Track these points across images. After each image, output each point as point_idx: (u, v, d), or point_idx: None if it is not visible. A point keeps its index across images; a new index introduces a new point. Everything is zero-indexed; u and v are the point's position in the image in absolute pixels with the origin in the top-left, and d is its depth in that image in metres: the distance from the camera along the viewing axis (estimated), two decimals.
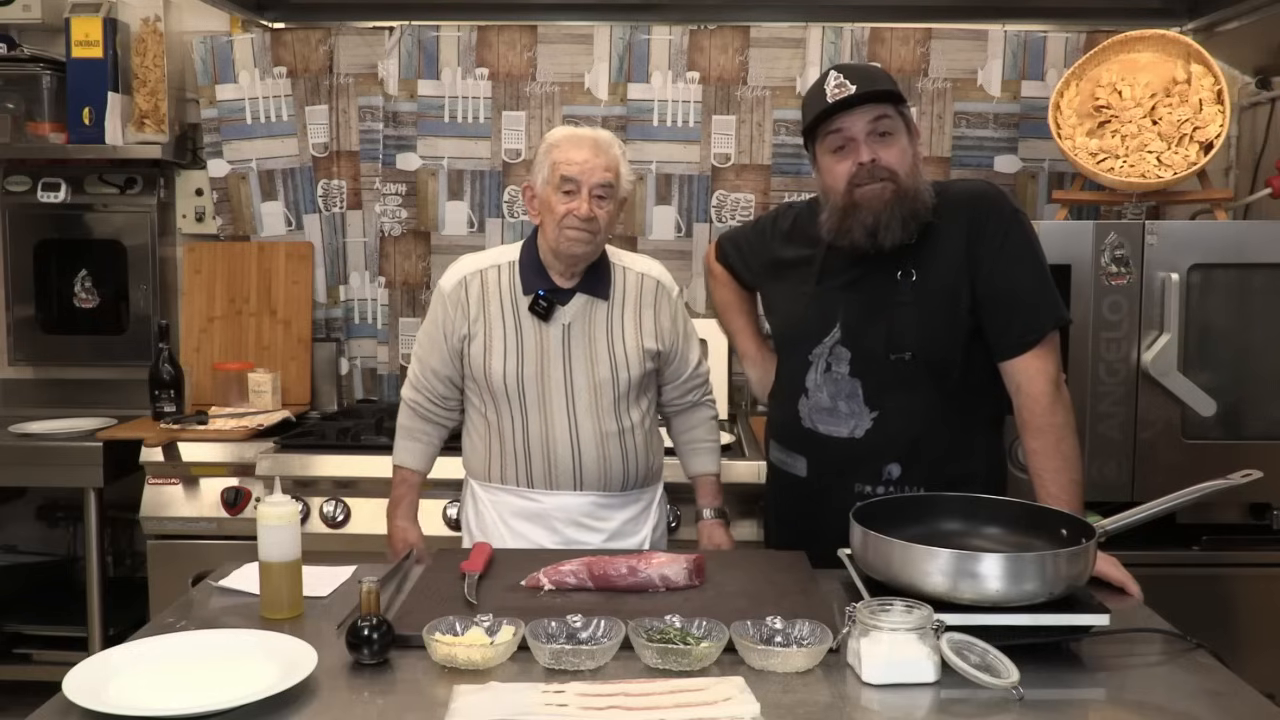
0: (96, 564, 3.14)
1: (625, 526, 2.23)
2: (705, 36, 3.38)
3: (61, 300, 3.59)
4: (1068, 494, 1.91)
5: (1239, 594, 2.71)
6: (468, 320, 2.19)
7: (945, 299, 1.98)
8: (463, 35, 3.40)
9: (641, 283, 2.24)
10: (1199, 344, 2.68)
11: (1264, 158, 3.28)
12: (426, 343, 2.26)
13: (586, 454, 2.16)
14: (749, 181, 3.40)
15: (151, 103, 3.41)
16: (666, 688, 1.38)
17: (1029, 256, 2.00)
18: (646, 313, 2.23)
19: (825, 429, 2.06)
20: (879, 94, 1.96)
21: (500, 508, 2.21)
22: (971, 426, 2.06)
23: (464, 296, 2.20)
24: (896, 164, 1.97)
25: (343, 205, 3.50)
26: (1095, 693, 1.49)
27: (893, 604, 1.48)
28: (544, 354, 2.16)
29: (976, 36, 3.34)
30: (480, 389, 2.20)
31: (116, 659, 1.49)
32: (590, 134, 2.16)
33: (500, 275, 2.20)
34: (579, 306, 2.18)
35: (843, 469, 2.05)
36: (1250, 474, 1.71)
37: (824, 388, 2.05)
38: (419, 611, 1.62)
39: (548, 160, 2.13)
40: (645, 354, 2.20)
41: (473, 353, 2.18)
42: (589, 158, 2.10)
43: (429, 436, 2.30)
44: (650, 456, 2.26)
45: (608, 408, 2.17)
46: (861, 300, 2.03)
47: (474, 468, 2.26)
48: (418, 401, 2.28)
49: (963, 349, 2.00)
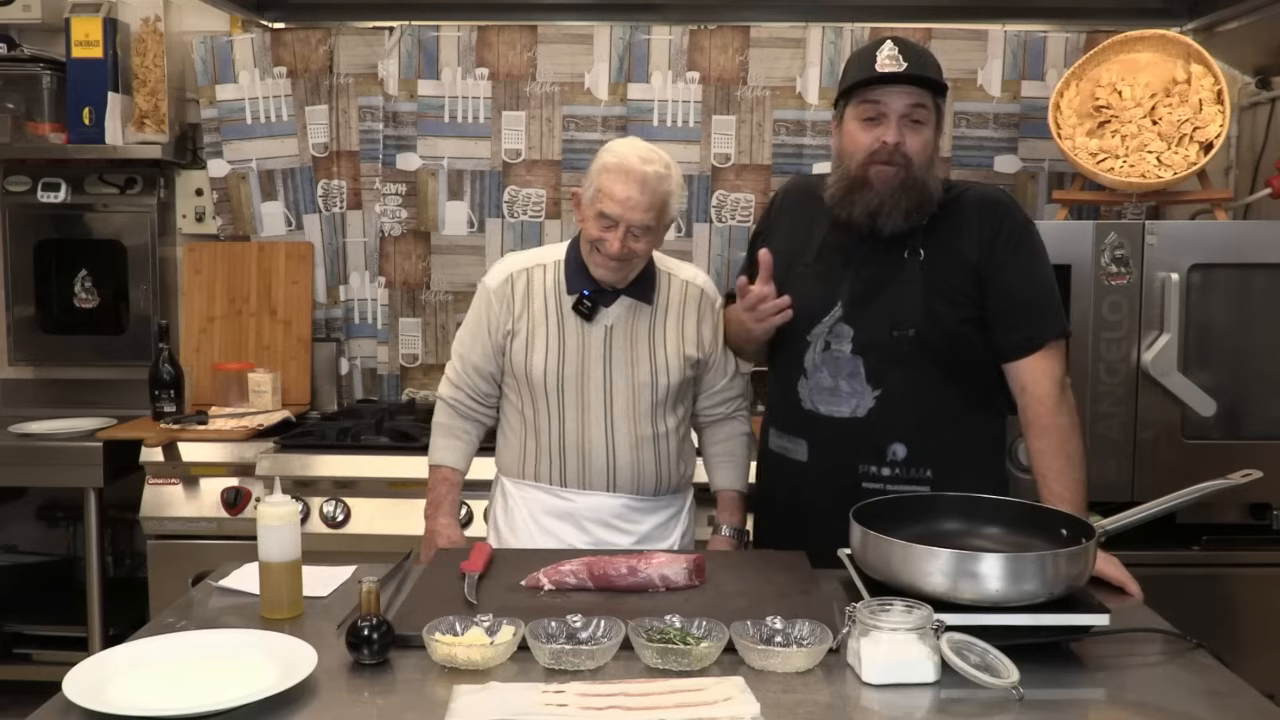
0: (96, 564, 3.15)
1: (655, 531, 2.21)
2: (705, 36, 3.38)
3: (61, 300, 3.59)
4: (1071, 494, 1.91)
5: (1239, 594, 2.71)
6: (512, 316, 2.18)
7: (951, 283, 1.98)
8: (463, 35, 3.40)
9: (686, 290, 2.24)
10: (1199, 344, 2.68)
11: (1264, 158, 3.28)
12: (468, 339, 2.25)
13: (621, 456, 2.15)
14: (749, 181, 3.40)
15: (151, 103, 3.41)
16: (666, 688, 1.38)
17: (1038, 266, 2.02)
18: (690, 320, 2.22)
19: (827, 409, 2.05)
20: (926, 80, 1.96)
21: (531, 505, 2.20)
22: (980, 407, 2.06)
23: (509, 293, 2.19)
24: (916, 153, 1.97)
25: (343, 205, 3.50)
26: (1095, 693, 1.49)
27: (893, 604, 1.48)
28: (585, 354, 2.15)
29: (976, 36, 3.35)
30: (519, 385, 2.19)
31: (116, 659, 1.49)
32: (642, 170, 2.03)
33: (546, 274, 2.20)
34: (623, 309, 2.17)
35: (846, 449, 2.04)
36: (1250, 474, 1.71)
37: (824, 367, 2.04)
38: (419, 611, 1.62)
39: (596, 183, 2.08)
40: (686, 361, 2.19)
41: (514, 349, 2.17)
42: (633, 196, 2.03)
43: (469, 435, 2.29)
44: (683, 464, 2.25)
45: (645, 412, 2.16)
46: (865, 277, 2.02)
47: (507, 464, 2.25)
48: (458, 399, 2.27)
49: (966, 334, 2.00)
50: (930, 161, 2.00)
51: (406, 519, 2.29)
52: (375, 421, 3.12)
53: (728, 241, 3.42)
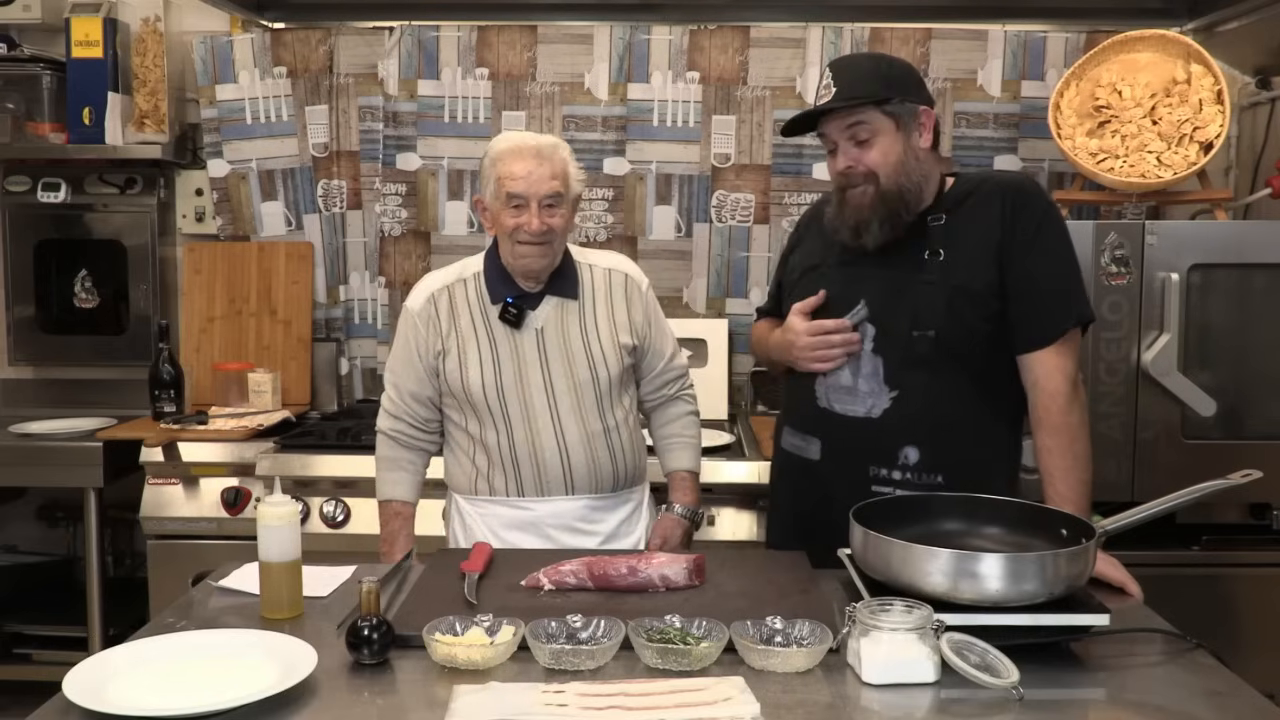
0: (96, 564, 3.15)
1: (620, 529, 2.21)
2: (705, 36, 3.38)
3: (61, 300, 3.60)
4: (1076, 494, 1.90)
5: (1239, 594, 2.71)
6: (440, 335, 2.16)
7: (971, 282, 1.96)
8: (463, 35, 3.40)
9: (609, 278, 2.23)
10: (1199, 344, 2.68)
11: (1264, 158, 3.28)
12: (399, 367, 2.23)
13: (575, 456, 2.14)
14: (749, 181, 3.40)
15: (151, 103, 3.41)
16: (666, 688, 1.38)
17: (1059, 251, 1.99)
18: (619, 308, 2.21)
19: (842, 408, 2.04)
20: (854, 99, 1.95)
21: (490, 520, 2.18)
22: (995, 416, 2.03)
23: (434, 313, 2.17)
24: (877, 165, 1.97)
25: (343, 205, 3.50)
26: (1095, 693, 1.49)
27: (893, 604, 1.48)
28: (521, 361, 2.14)
29: (976, 36, 3.35)
30: (460, 404, 2.17)
31: (116, 659, 1.49)
32: (533, 142, 2.10)
33: (467, 289, 2.18)
34: (550, 309, 2.16)
35: (858, 451, 2.03)
36: (1250, 474, 1.71)
37: (844, 366, 2.03)
38: (419, 611, 1.62)
39: (493, 174, 2.09)
40: (621, 349, 2.18)
41: (448, 368, 2.15)
42: (533, 169, 2.05)
43: (415, 465, 2.26)
44: (637, 454, 2.24)
45: (591, 408, 2.16)
46: (888, 277, 2.01)
47: (459, 484, 2.23)
48: (399, 430, 2.24)
49: (986, 336, 1.98)
50: (901, 166, 1.98)
51: None
52: (375, 422, 3.11)
53: (728, 241, 3.42)
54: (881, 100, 1.96)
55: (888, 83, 1.99)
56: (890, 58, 2.13)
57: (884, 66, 2.04)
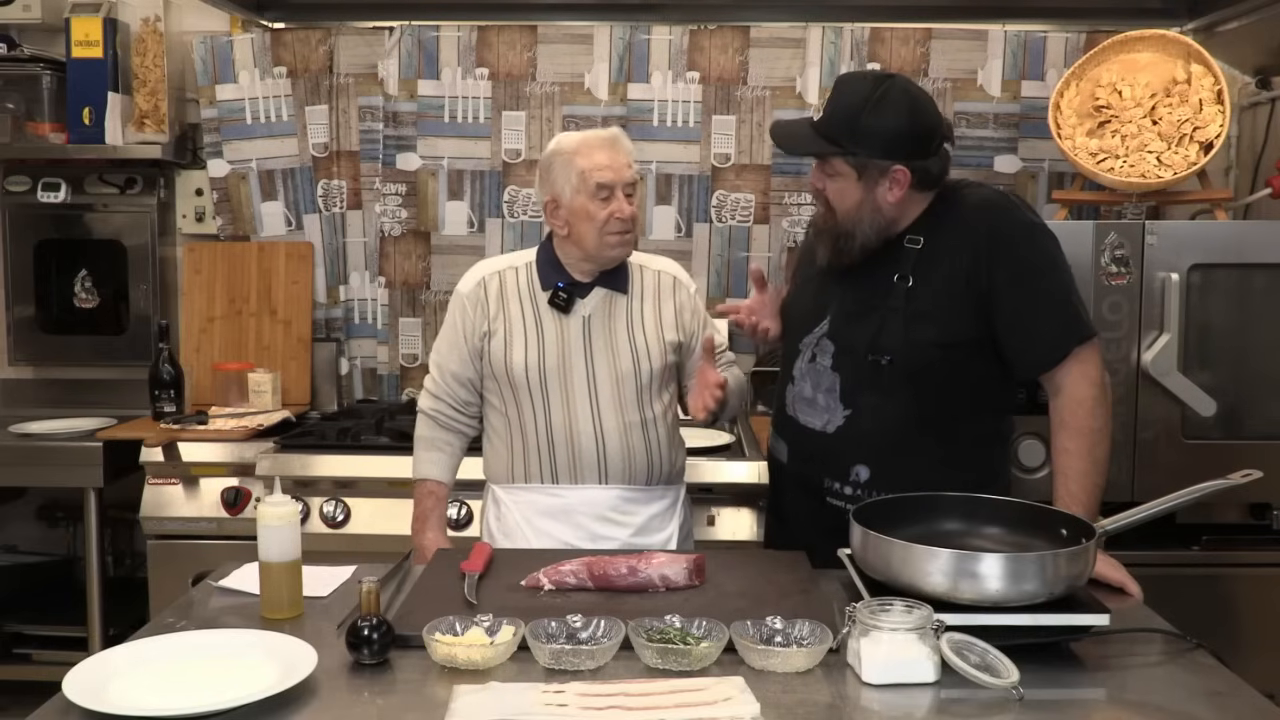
0: (96, 564, 3.15)
1: (651, 522, 2.21)
2: (705, 36, 3.38)
3: (61, 300, 3.59)
4: (1088, 496, 1.89)
5: (1239, 594, 2.71)
6: (487, 318, 2.19)
7: (938, 312, 1.95)
8: (463, 35, 3.40)
9: (659, 279, 2.26)
10: (1199, 344, 2.68)
11: (1264, 158, 3.28)
12: (445, 348, 2.25)
13: (610, 445, 2.15)
14: (749, 181, 3.40)
15: (151, 103, 3.41)
16: (666, 688, 1.38)
17: (1045, 277, 1.94)
18: (666, 305, 2.23)
19: (804, 419, 2.07)
20: (815, 141, 1.98)
21: (524, 508, 2.19)
22: (957, 439, 2.00)
23: (483, 295, 2.20)
24: (834, 201, 2.00)
25: (343, 205, 3.50)
26: (1095, 693, 1.49)
27: (893, 604, 1.48)
28: (565, 346, 2.16)
29: (976, 36, 3.35)
30: (501, 386, 2.19)
31: (116, 659, 1.49)
32: (604, 135, 2.16)
33: (518, 275, 2.22)
34: (598, 299, 2.19)
35: (815, 461, 2.07)
36: (1250, 474, 1.71)
37: (807, 377, 2.06)
38: (419, 611, 1.62)
39: (572, 169, 2.10)
40: (666, 345, 2.20)
41: (493, 349, 2.18)
42: (615, 157, 2.11)
43: (452, 446, 2.28)
44: (673, 452, 2.25)
45: (630, 399, 2.17)
46: (854, 297, 2.03)
47: (495, 471, 2.25)
48: (439, 410, 2.27)
49: (945, 362, 1.96)
50: (855, 212, 1.97)
51: (407, 519, 2.29)
52: (375, 421, 3.12)
53: (727, 241, 3.42)
54: (840, 153, 1.96)
55: (863, 135, 1.93)
56: (891, 99, 1.94)
57: (870, 111, 1.92)
